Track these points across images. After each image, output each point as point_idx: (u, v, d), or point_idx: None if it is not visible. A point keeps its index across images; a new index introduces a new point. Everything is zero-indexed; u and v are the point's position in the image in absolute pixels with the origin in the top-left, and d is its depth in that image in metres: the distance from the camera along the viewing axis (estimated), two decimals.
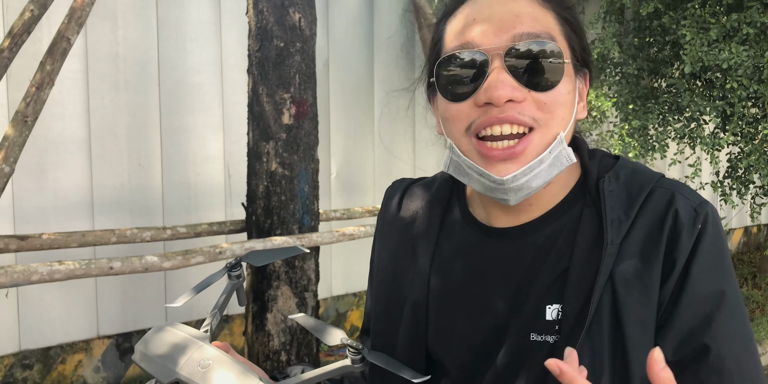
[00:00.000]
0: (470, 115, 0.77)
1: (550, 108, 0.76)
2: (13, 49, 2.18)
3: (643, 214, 0.77)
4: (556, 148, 0.77)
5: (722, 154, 4.55)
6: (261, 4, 2.78)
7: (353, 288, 4.32)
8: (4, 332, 3.05)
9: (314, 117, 2.92)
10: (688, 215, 0.76)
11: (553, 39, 0.77)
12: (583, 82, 0.84)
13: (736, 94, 3.28)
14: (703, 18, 3.33)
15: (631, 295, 0.74)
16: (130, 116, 3.32)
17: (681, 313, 0.74)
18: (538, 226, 0.83)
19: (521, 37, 0.75)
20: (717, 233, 0.77)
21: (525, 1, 0.78)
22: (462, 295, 0.86)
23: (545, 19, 0.78)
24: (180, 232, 2.83)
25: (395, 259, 0.94)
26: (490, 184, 0.77)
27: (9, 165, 1.98)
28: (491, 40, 0.76)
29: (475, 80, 0.76)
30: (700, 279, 0.75)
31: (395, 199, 0.99)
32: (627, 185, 0.80)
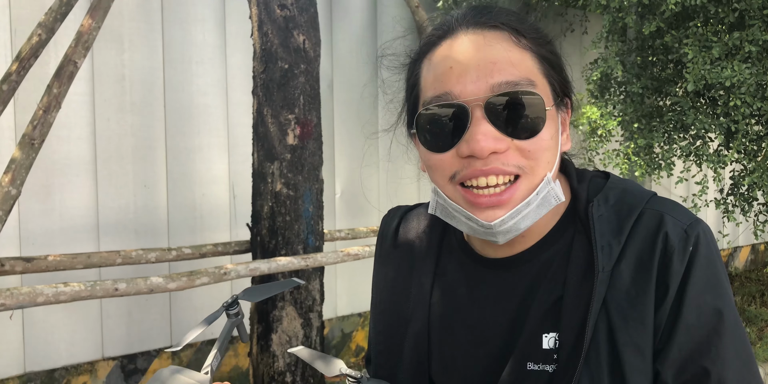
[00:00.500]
0: (453, 165, 0.76)
1: (534, 155, 0.75)
2: (20, 73, 2.21)
3: (634, 238, 0.77)
4: (543, 189, 0.77)
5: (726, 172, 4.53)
6: (265, 27, 2.82)
7: (358, 308, 4.30)
8: (9, 354, 3.04)
9: (318, 137, 2.93)
10: (678, 237, 0.75)
11: (533, 84, 0.76)
12: (566, 112, 0.84)
13: (740, 111, 3.28)
14: (706, 36, 3.35)
15: (626, 321, 0.74)
16: (135, 138, 3.35)
17: (679, 337, 0.74)
18: (532, 255, 0.83)
19: (500, 86, 0.74)
20: (709, 254, 0.75)
21: (502, 44, 0.76)
22: (461, 325, 0.86)
23: (523, 62, 0.76)
24: (185, 253, 2.83)
25: (394, 289, 0.94)
26: (479, 228, 0.77)
27: (16, 187, 1.99)
28: (470, 90, 0.74)
29: (456, 132, 0.75)
30: (695, 301, 0.74)
31: (392, 227, 0.99)
32: (616, 208, 0.79)
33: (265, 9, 2.82)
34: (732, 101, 3.24)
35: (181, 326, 3.54)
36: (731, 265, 7.10)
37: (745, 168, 3.78)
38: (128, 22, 3.31)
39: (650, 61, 3.83)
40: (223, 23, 3.66)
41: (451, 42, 0.78)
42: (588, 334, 0.74)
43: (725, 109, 3.43)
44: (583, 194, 0.82)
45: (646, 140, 3.51)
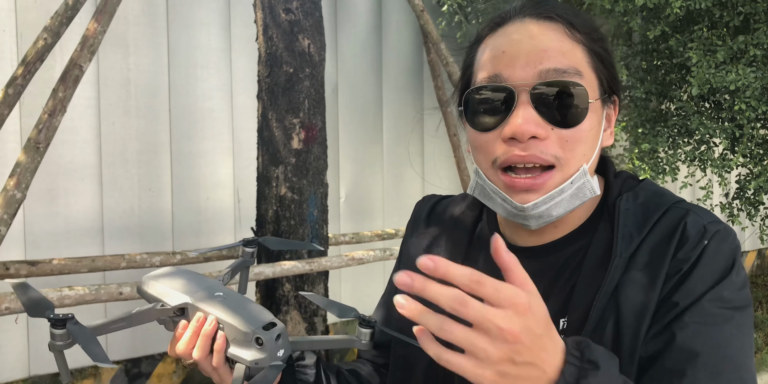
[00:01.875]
0: (496, 149, 0.79)
1: (571, 145, 0.77)
2: (26, 77, 2.22)
3: (655, 231, 0.78)
4: (578, 179, 0.79)
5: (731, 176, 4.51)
6: (270, 31, 2.82)
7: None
8: (14, 358, 3.04)
9: (323, 141, 2.93)
10: (696, 230, 0.76)
11: (580, 74, 0.78)
12: (612, 109, 0.86)
13: (745, 115, 3.27)
14: (710, 40, 3.35)
15: (634, 307, 0.75)
16: (140, 142, 3.35)
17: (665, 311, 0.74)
18: (561, 246, 0.84)
19: (548, 72, 0.76)
20: (724, 251, 0.76)
21: (554, 34, 0.79)
22: None
23: (573, 53, 0.79)
24: (190, 256, 2.83)
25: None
26: (512, 209, 0.80)
27: (21, 191, 2.00)
28: (518, 75, 0.77)
29: (501, 113, 0.78)
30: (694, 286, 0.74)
31: (426, 210, 1.02)
32: (644, 206, 0.81)
33: (270, 13, 2.83)
34: (737, 105, 3.23)
35: None
36: None
37: (751, 172, 3.77)
38: (133, 27, 3.32)
39: (655, 65, 3.83)
40: (228, 27, 3.67)
41: (507, 28, 0.82)
42: (593, 317, 0.75)
43: (730, 114, 3.42)
44: (616, 189, 0.85)
45: (650, 145, 3.50)
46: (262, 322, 0.75)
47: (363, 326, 0.80)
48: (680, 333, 0.72)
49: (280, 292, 2.83)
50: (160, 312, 0.81)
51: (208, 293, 0.79)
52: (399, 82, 4.45)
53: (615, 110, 0.87)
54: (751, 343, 0.75)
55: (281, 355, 0.76)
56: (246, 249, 0.94)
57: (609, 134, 0.86)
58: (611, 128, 0.86)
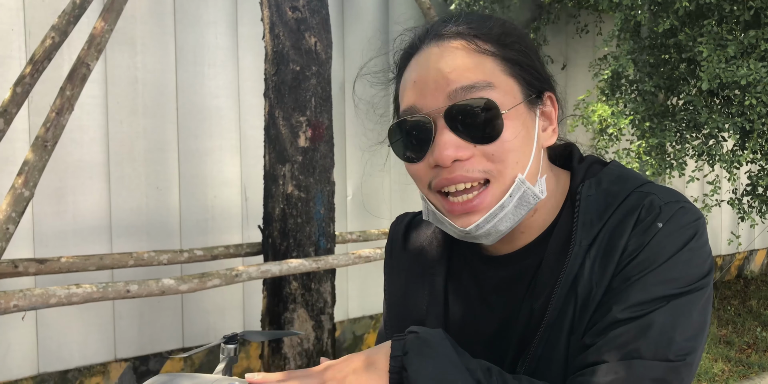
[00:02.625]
0: (428, 175, 0.79)
1: (499, 157, 0.77)
2: (34, 76, 2.22)
3: (614, 217, 0.78)
4: (517, 190, 0.78)
5: (741, 172, 4.47)
6: (277, 29, 2.82)
7: (370, 310, 4.29)
8: (23, 355, 3.06)
9: (330, 140, 2.93)
10: (651, 212, 0.75)
11: (491, 85, 0.77)
12: (549, 105, 0.84)
13: (755, 110, 3.24)
14: (720, 35, 3.32)
15: (586, 295, 0.75)
16: (148, 140, 3.36)
17: (608, 296, 0.74)
18: (534, 249, 0.84)
19: (456, 92, 0.76)
20: (676, 231, 0.74)
21: (457, 54, 0.78)
22: (478, 323, 0.86)
23: (480, 66, 0.78)
24: (197, 254, 2.83)
25: (407, 292, 0.95)
26: (459, 232, 0.80)
27: (29, 189, 2.00)
28: (430, 103, 0.77)
29: (424, 143, 0.78)
30: (633, 269, 0.73)
31: (401, 232, 1.01)
32: (607, 192, 0.80)
33: (276, 11, 2.82)
34: (747, 100, 3.20)
35: (193, 328, 3.55)
36: (747, 268, 7.01)
37: (762, 168, 3.73)
38: (141, 25, 3.33)
39: (663, 59, 3.80)
40: (235, 26, 3.67)
41: (416, 58, 0.82)
42: (552, 305, 0.75)
43: (740, 109, 3.39)
44: (579, 176, 0.84)
45: (657, 139, 3.48)
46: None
47: None
48: (616, 308, 0.72)
49: (287, 290, 2.83)
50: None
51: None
52: None
53: (554, 106, 0.85)
54: (689, 325, 0.72)
55: None
56: (228, 346, 0.93)
57: (551, 132, 0.84)
58: (553, 125, 0.84)
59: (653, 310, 0.71)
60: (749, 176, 3.79)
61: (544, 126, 0.83)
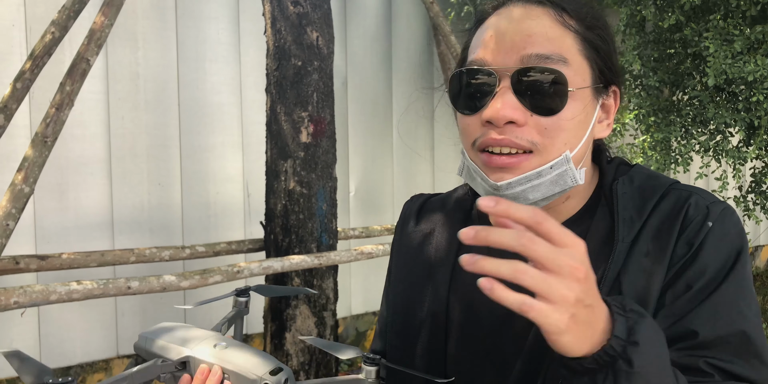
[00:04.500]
0: (476, 131, 0.78)
1: (550, 133, 0.76)
2: (34, 71, 2.21)
3: (656, 214, 0.78)
4: (559, 165, 0.77)
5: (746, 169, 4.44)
6: (279, 24, 2.80)
7: (373, 307, 4.28)
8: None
9: (332, 135, 2.91)
10: (699, 212, 0.76)
11: (565, 61, 0.76)
12: (611, 99, 0.84)
13: (762, 107, 3.21)
14: (727, 30, 3.28)
15: (636, 293, 0.74)
16: (149, 136, 3.35)
17: (675, 298, 0.74)
18: None
19: (530, 58, 0.75)
20: (729, 232, 0.76)
21: (543, 20, 0.78)
22: (484, 308, 0.84)
23: (561, 39, 0.77)
24: (199, 251, 2.82)
25: (413, 271, 0.94)
26: (488, 188, 0.79)
27: (29, 185, 1.99)
28: (501, 60, 0.77)
29: (483, 98, 0.77)
30: (703, 268, 0.74)
31: (413, 212, 1.00)
32: (641, 189, 0.81)
33: (278, 6, 2.80)
34: (754, 96, 3.17)
35: (195, 324, 3.54)
36: (752, 264, 6.99)
37: (766, 165, 3.70)
38: (142, 20, 3.31)
39: (668, 54, 3.76)
40: (237, 21, 3.65)
41: (499, 12, 0.81)
42: None
43: (746, 105, 3.36)
44: (610, 174, 0.84)
45: (663, 134, 3.45)
46: (268, 368, 0.75)
47: (368, 364, 0.80)
48: (701, 330, 0.72)
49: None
50: (162, 367, 0.79)
51: (209, 344, 0.78)
52: (409, 74, 4.41)
53: (615, 102, 0.85)
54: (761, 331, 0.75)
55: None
56: (239, 299, 0.94)
57: (606, 126, 0.84)
58: (609, 120, 0.84)
59: (739, 320, 0.73)
60: (753, 173, 3.76)
61: (601, 118, 0.83)
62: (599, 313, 0.59)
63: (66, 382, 0.72)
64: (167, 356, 0.78)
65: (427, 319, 0.88)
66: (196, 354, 0.77)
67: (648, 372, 0.60)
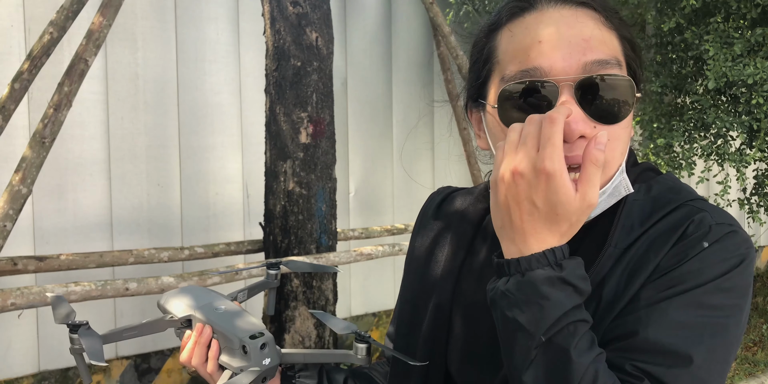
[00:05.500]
0: None
1: (612, 144, 0.72)
2: (32, 71, 2.21)
3: (659, 226, 0.73)
4: (617, 178, 0.74)
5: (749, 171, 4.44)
6: (278, 24, 2.79)
7: (372, 308, 4.27)
8: (24, 353, 3.05)
9: (331, 136, 2.90)
10: (700, 229, 0.70)
11: (620, 65, 0.73)
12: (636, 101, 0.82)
13: (762, 109, 3.20)
14: (727, 33, 3.28)
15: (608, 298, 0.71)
16: (149, 137, 3.34)
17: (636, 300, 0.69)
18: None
19: (591, 65, 0.71)
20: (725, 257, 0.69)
21: (592, 22, 0.73)
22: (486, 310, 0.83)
23: (611, 42, 0.74)
24: (198, 252, 2.82)
25: (426, 260, 0.93)
26: None
27: (26, 186, 1.99)
28: (560, 68, 0.71)
29: (541, 111, 0.71)
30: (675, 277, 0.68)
31: (435, 203, 0.99)
32: (655, 199, 0.76)
33: (277, 6, 2.80)
34: (755, 99, 3.17)
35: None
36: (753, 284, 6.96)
37: None
38: (141, 21, 3.30)
39: (670, 58, 3.76)
40: (237, 21, 3.65)
41: (538, 15, 0.74)
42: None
43: (747, 107, 3.35)
44: (630, 178, 0.79)
45: (666, 139, 3.44)
46: (249, 331, 0.83)
47: (359, 341, 0.83)
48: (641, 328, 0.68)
49: (289, 287, 2.81)
50: (168, 323, 0.90)
51: (210, 307, 0.88)
52: (409, 75, 4.41)
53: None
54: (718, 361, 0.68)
55: (267, 363, 0.82)
56: (269, 271, 1.01)
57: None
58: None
59: (689, 339, 0.66)
60: (756, 176, 3.76)
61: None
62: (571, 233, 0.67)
63: (82, 323, 0.84)
64: (176, 314, 0.89)
65: (432, 310, 0.88)
66: (197, 314, 0.87)
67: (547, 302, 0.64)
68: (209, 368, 0.86)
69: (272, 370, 0.83)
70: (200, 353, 0.86)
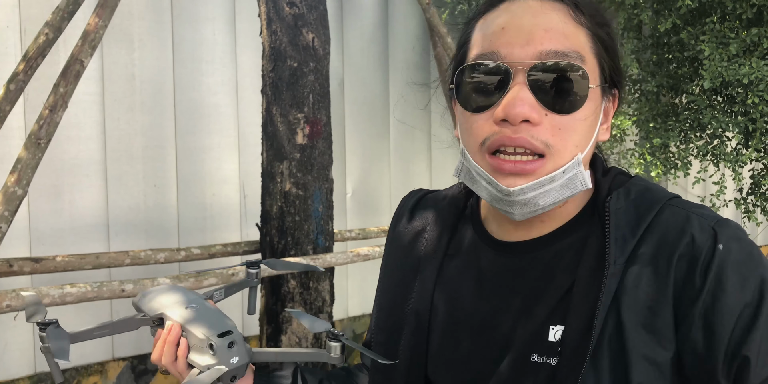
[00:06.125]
0: (486, 131, 0.74)
1: (564, 134, 0.73)
2: (28, 73, 2.20)
3: (652, 232, 0.73)
4: (571, 169, 0.74)
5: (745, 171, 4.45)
6: (274, 25, 2.79)
7: (369, 309, 4.27)
8: (20, 355, 3.04)
9: (328, 137, 2.90)
10: (705, 235, 0.71)
11: (582, 59, 0.74)
12: (610, 102, 0.82)
13: (758, 109, 3.21)
14: (723, 33, 3.28)
15: (637, 325, 0.70)
16: (145, 137, 3.34)
17: (717, 331, 0.69)
18: (547, 242, 0.80)
19: (548, 54, 0.72)
20: (743, 249, 0.71)
21: (558, 15, 0.75)
22: (467, 308, 0.83)
23: (576, 36, 0.75)
24: (194, 253, 2.81)
25: (402, 267, 0.93)
26: (497, 193, 0.75)
27: (22, 187, 1.98)
28: (517, 54, 0.73)
29: (495, 93, 0.73)
30: (731, 295, 0.69)
31: (409, 205, 0.98)
32: (636, 202, 0.76)
33: (273, 7, 2.79)
34: (750, 99, 3.17)
35: None
36: None
37: (765, 167, 3.70)
38: (138, 21, 3.30)
39: (666, 58, 3.76)
40: (233, 22, 3.64)
41: (508, 5, 0.77)
42: (596, 330, 0.70)
43: (743, 107, 3.36)
44: (605, 187, 0.80)
45: (661, 140, 3.44)
46: (218, 330, 0.83)
47: (331, 340, 0.84)
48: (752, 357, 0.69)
49: (285, 288, 2.81)
50: (140, 321, 0.90)
51: (182, 305, 0.88)
52: (406, 75, 4.41)
53: (614, 104, 0.83)
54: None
55: (234, 362, 0.82)
56: (249, 270, 0.99)
57: (605, 129, 0.82)
58: (608, 123, 0.82)
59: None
60: (752, 176, 3.77)
61: (602, 121, 0.80)
62: None
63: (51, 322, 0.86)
64: (149, 312, 0.89)
65: (411, 316, 0.87)
66: (167, 312, 0.87)
67: None
68: (178, 367, 0.87)
69: (241, 369, 0.84)
70: (169, 352, 0.87)
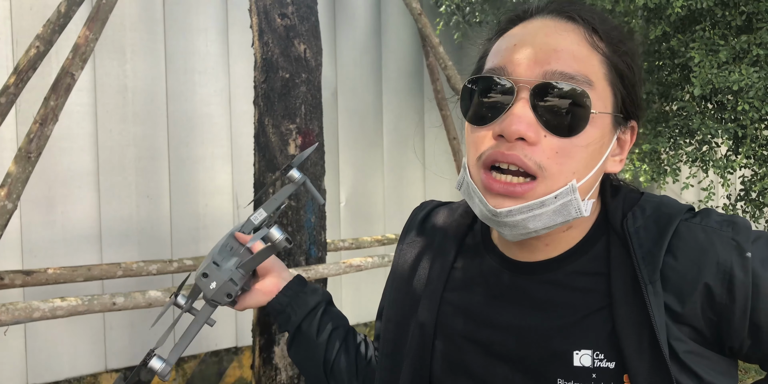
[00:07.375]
0: (484, 145, 0.74)
1: (561, 158, 0.72)
2: (19, 85, 2.20)
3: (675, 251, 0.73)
4: (564, 195, 0.73)
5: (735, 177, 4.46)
6: (266, 36, 2.80)
7: (364, 318, 4.26)
8: (12, 367, 3.02)
9: (321, 147, 2.91)
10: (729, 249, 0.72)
11: (590, 83, 0.72)
12: (627, 134, 0.80)
13: (748, 116, 3.23)
14: (712, 40, 3.30)
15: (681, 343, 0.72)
16: (138, 148, 3.33)
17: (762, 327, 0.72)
18: (557, 264, 0.79)
19: (554, 74, 0.71)
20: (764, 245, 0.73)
21: (572, 37, 0.74)
22: (472, 323, 0.83)
23: (588, 60, 0.74)
24: (186, 264, 2.81)
25: (410, 279, 0.93)
26: (486, 212, 0.75)
27: (12, 201, 1.98)
28: (523, 71, 0.72)
29: (497, 110, 0.73)
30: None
31: (420, 217, 0.98)
32: (654, 218, 0.76)
33: (265, 18, 2.80)
34: (740, 106, 3.19)
35: None
36: None
37: (755, 173, 3.72)
38: (130, 33, 3.30)
39: (656, 65, 3.79)
40: (226, 33, 3.65)
41: (527, 23, 0.78)
42: (665, 353, 0.70)
43: (733, 114, 3.38)
44: (618, 208, 0.79)
45: (651, 145, 3.46)
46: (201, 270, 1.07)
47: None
48: None
49: None
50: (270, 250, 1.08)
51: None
52: (399, 85, 4.42)
53: (632, 138, 0.81)
54: None
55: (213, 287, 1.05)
56: (294, 174, 1.06)
57: (618, 161, 0.80)
58: (622, 156, 0.80)
59: None
60: (742, 181, 3.78)
61: (615, 152, 0.79)
62: None
63: None
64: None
65: (414, 330, 0.88)
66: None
67: None
68: None
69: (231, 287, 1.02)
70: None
